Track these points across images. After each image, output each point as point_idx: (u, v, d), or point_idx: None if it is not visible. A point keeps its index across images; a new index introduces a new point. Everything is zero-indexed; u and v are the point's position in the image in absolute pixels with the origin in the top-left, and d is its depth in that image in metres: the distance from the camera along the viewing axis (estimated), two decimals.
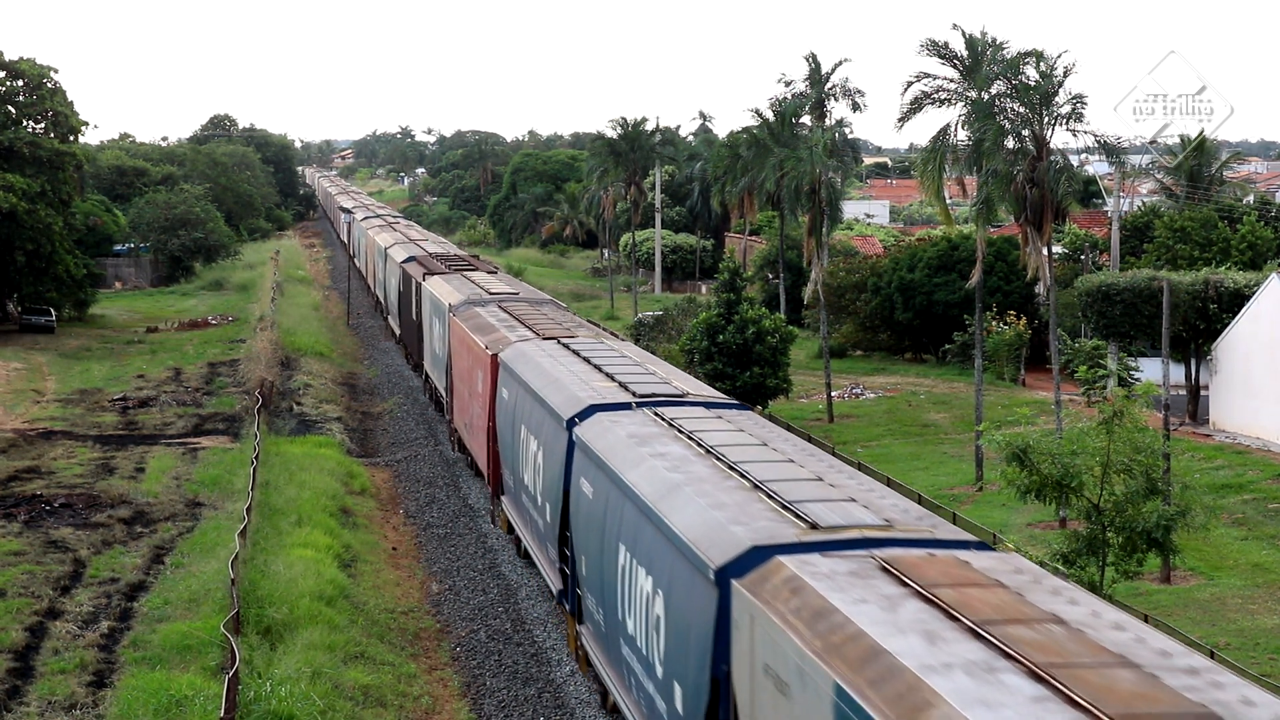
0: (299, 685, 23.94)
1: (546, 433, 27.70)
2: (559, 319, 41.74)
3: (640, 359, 32.21)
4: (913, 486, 40.97)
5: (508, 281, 56.35)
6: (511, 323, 40.01)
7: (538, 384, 29.53)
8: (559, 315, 43.51)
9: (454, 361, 43.96)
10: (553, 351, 32.75)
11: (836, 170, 63.30)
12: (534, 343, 34.86)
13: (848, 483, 19.25)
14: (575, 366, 30.38)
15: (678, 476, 20.08)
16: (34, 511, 37.05)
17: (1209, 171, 75.00)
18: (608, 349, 33.26)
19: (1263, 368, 49.76)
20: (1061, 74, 43.13)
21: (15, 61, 77.78)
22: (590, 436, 24.36)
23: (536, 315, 41.78)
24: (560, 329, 38.12)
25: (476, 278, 55.22)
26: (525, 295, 49.34)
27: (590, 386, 27.57)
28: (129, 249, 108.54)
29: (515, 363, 32.99)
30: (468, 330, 40.18)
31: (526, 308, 44.40)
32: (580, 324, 42.05)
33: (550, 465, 27.18)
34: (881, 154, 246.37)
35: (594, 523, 23.44)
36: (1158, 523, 26.53)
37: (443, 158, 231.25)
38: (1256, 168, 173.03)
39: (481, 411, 37.03)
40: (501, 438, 34.04)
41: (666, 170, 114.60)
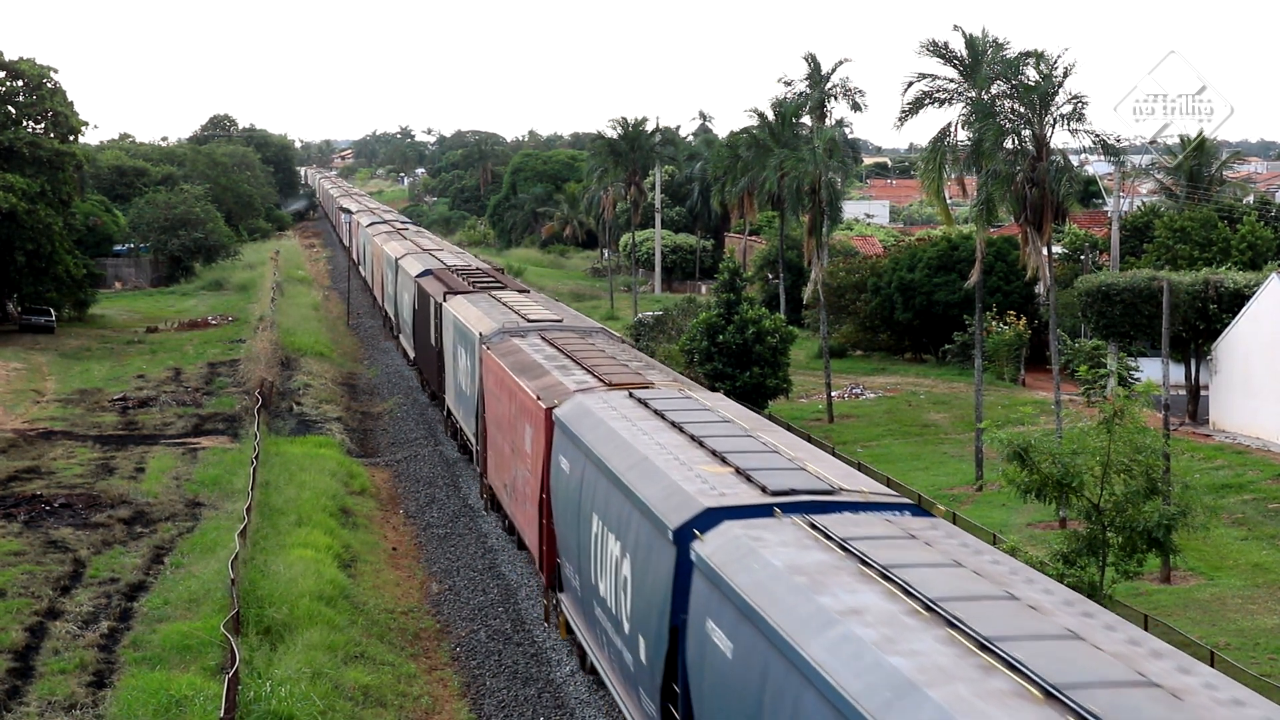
0: (299, 685, 23.95)
1: (637, 538, 20.78)
2: (620, 356, 34.63)
3: (746, 424, 24.55)
4: (913, 486, 40.98)
5: (544, 303, 48.13)
6: (562, 361, 33.02)
7: (618, 463, 22.51)
8: (617, 350, 36.32)
9: (488, 404, 36.87)
10: (628, 410, 25.84)
11: (837, 170, 63.25)
12: (598, 394, 27.82)
13: None
14: (665, 437, 23.25)
15: (907, 666, 12.86)
16: (34, 511, 37.06)
17: (1209, 171, 74.97)
18: (698, 407, 25.88)
19: (1263, 368, 49.76)
20: (1061, 74, 43.13)
21: (15, 61, 77.80)
22: (724, 564, 16.92)
23: (591, 351, 34.64)
24: (627, 373, 30.91)
25: (508, 299, 47.06)
26: (570, 322, 41.86)
27: (697, 474, 20.59)
28: (129, 249, 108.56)
29: (578, 423, 26.06)
30: (507, 370, 33.36)
31: (576, 340, 37.09)
32: (648, 363, 34.61)
33: (647, 588, 20.13)
34: (881, 154, 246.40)
35: None
36: (1158, 523, 26.51)
37: (443, 158, 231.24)
38: (1256, 168, 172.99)
39: (530, 477, 30.02)
40: (560, 518, 27.09)
41: (666, 170, 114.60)
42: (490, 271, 61.16)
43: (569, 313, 46.15)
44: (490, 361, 36.28)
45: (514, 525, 33.85)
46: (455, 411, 46.19)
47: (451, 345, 45.92)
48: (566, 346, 35.03)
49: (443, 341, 48.79)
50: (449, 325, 46.81)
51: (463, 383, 43.29)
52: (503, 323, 39.95)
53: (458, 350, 44.19)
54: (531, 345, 36.00)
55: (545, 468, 28.07)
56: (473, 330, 40.60)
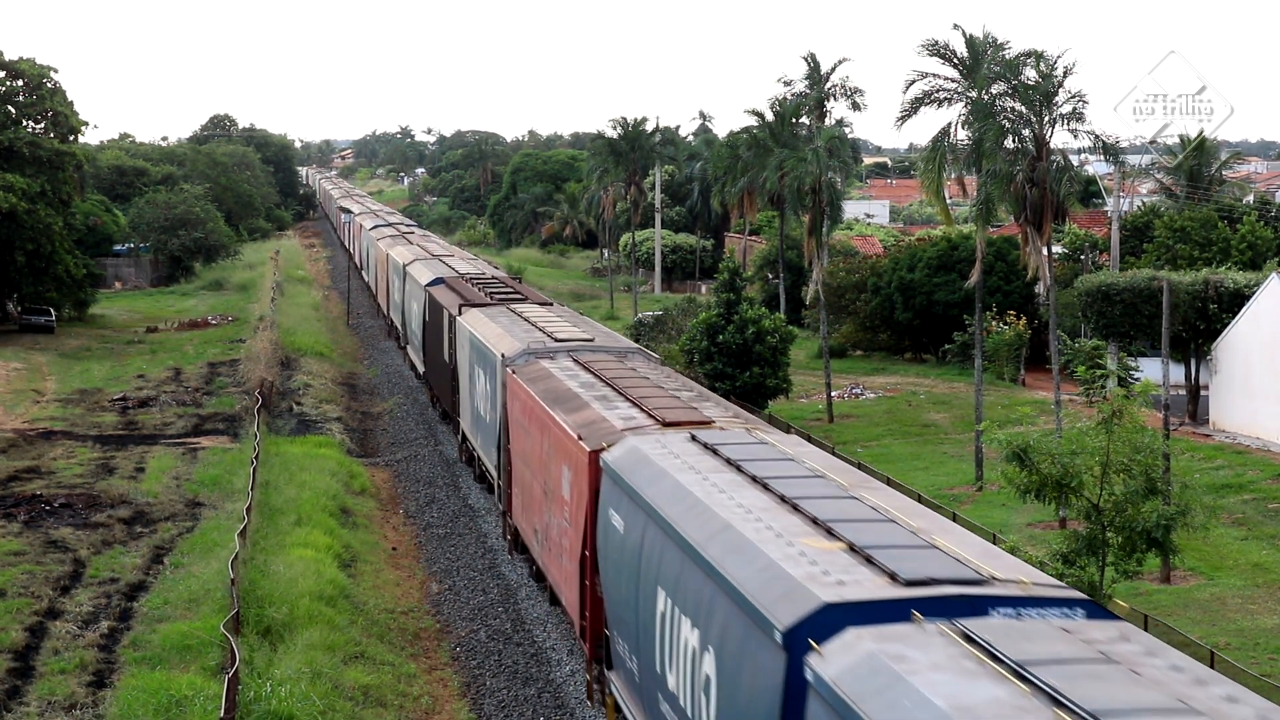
0: (299, 685, 23.96)
1: (725, 630, 16.41)
2: (667, 384, 30.00)
3: (842, 478, 20.16)
4: (913, 486, 40.97)
5: (569, 318, 43.28)
6: (601, 390, 28.83)
7: (694, 530, 18.23)
8: (661, 376, 31.80)
9: (513, 434, 32.80)
10: (693, 458, 21.40)
11: (838, 170, 63.25)
12: (653, 436, 23.50)
13: None
14: (746, 496, 19.00)
15: None
16: (34, 511, 37.07)
17: (1209, 171, 74.98)
18: (777, 455, 21.50)
19: (1263, 368, 49.76)
20: (1061, 74, 43.14)
21: (15, 61, 77.81)
22: (859, 696, 12.59)
23: (632, 377, 30.34)
24: (680, 407, 26.45)
25: (529, 313, 42.59)
26: (602, 341, 37.25)
27: (800, 550, 16.12)
28: (129, 249, 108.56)
29: (634, 474, 21.65)
30: (537, 399, 29.36)
31: (613, 363, 32.89)
32: (699, 393, 29.77)
33: (741, 701, 15.67)
34: (881, 154, 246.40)
35: None
36: (1157, 523, 26.50)
37: (443, 158, 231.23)
38: (1256, 168, 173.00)
39: (569, 529, 25.91)
40: (611, 583, 22.78)
41: (666, 170, 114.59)
42: (506, 281, 56.64)
43: (598, 329, 41.43)
44: (516, 387, 32.30)
45: (543, 573, 29.78)
46: (472, 438, 41.81)
47: (468, 364, 41.76)
48: (604, 372, 30.73)
49: (456, 358, 44.98)
50: (464, 342, 42.76)
51: (481, 407, 39.04)
52: (527, 342, 35.56)
53: (475, 371, 40.04)
54: (563, 370, 31.90)
55: (590, 521, 23.89)
56: (493, 350, 36.25)
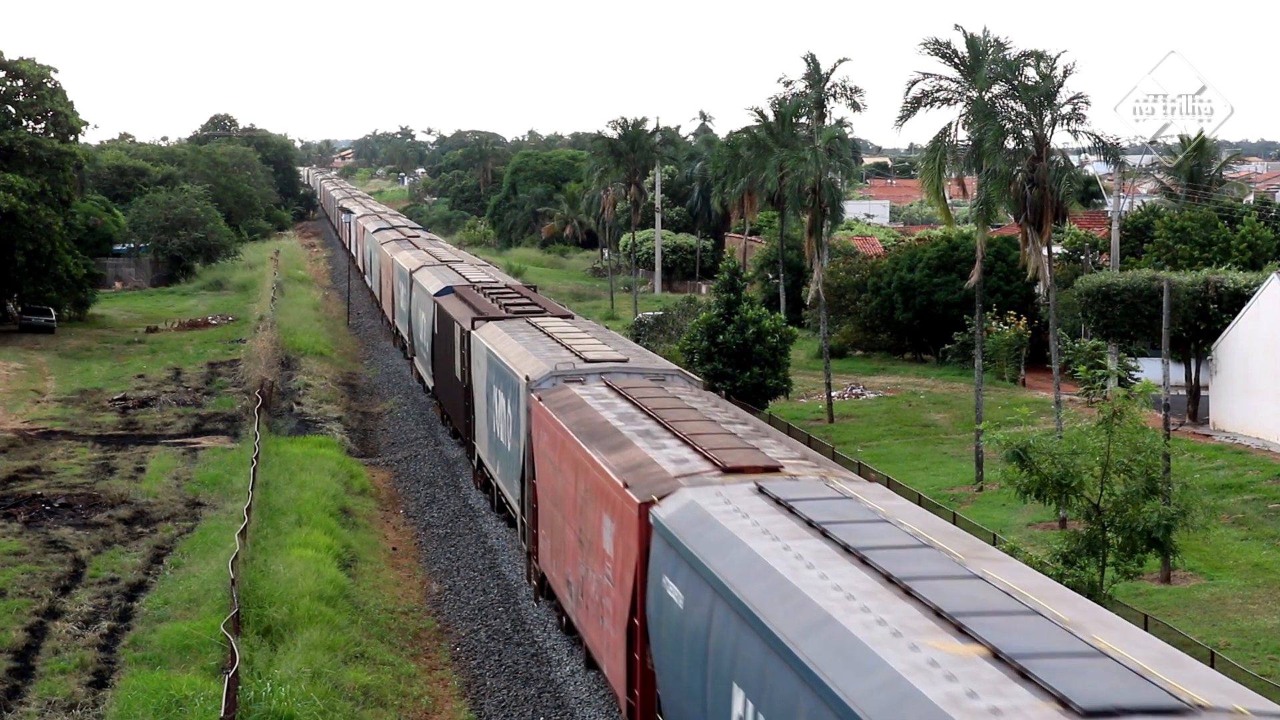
0: (299, 685, 23.95)
1: None
2: (717, 415, 26.09)
3: (954, 545, 16.68)
4: (913, 486, 40.98)
5: (596, 334, 39.51)
6: (643, 423, 25.25)
7: (782, 621, 15.09)
8: (708, 405, 27.60)
9: (540, 468, 29.58)
10: (765, 517, 17.94)
11: (838, 170, 63.26)
12: (713, 487, 19.92)
13: None
14: (841, 572, 15.57)
15: None
16: (34, 511, 37.06)
17: (1209, 171, 74.99)
18: (869, 516, 17.83)
19: (1263, 368, 49.75)
20: (1062, 74, 43.15)
21: (15, 61, 77.80)
22: None
23: (677, 407, 26.49)
24: (738, 445, 22.44)
25: (552, 328, 38.80)
26: (636, 362, 32.93)
27: (929, 658, 12.94)
28: (129, 249, 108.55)
29: (695, 537, 18.22)
30: (569, 432, 25.93)
31: (652, 390, 28.98)
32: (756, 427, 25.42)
33: None
34: (881, 154, 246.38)
35: None
36: (1158, 523, 26.53)
37: (443, 158, 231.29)
38: (1256, 168, 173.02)
39: (612, 589, 22.30)
40: (666, 663, 19.66)
41: (666, 170, 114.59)
42: (521, 290, 52.28)
43: (630, 347, 37.32)
44: (543, 416, 28.85)
45: (576, 628, 26.35)
46: (489, 465, 38.19)
47: (485, 385, 38.30)
48: (644, 400, 27.14)
49: (471, 376, 41.52)
50: (480, 359, 39.31)
51: (501, 432, 35.33)
52: (554, 363, 32.07)
53: (494, 393, 36.36)
54: (596, 397, 28.42)
55: (639, 584, 20.51)
56: (516, 372, 32.72)
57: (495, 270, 65.34)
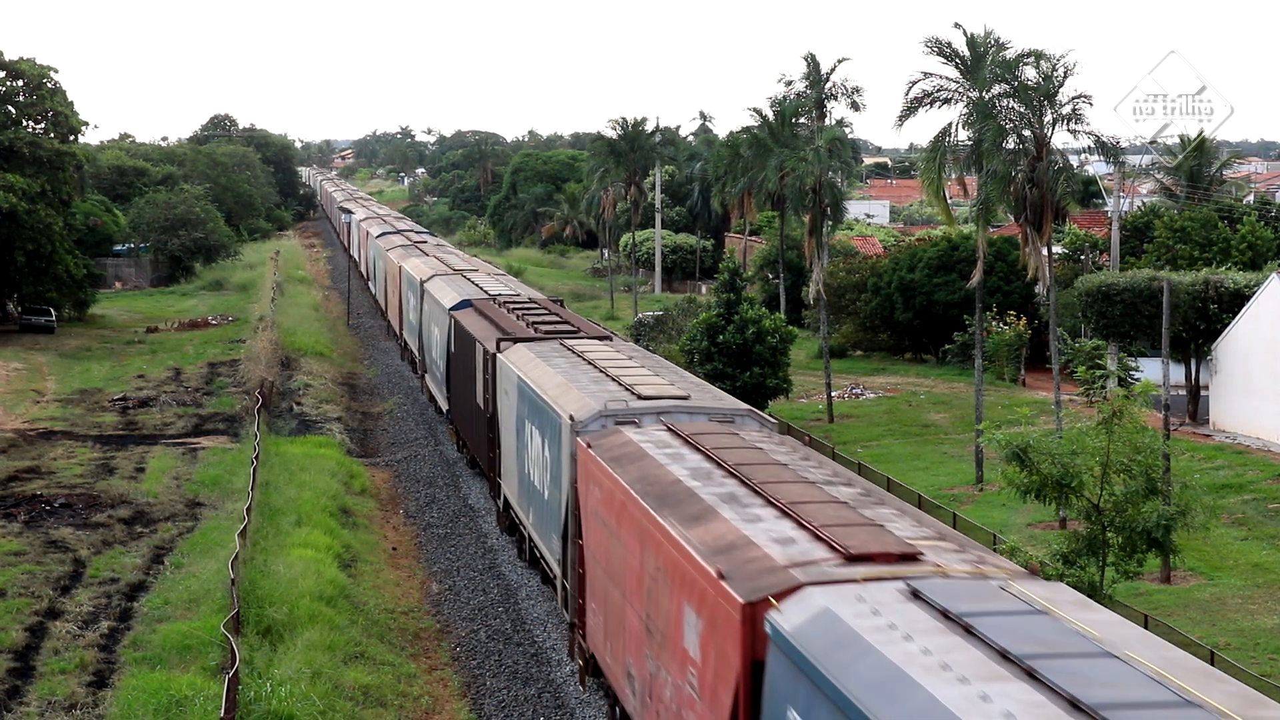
0: (299, 685, 23.96)
1: None
2: (813, 472, 21.16)
3: (1217, 697, 12.70)
4: (913, 486, 40.99)
5: (645, 360, 33.45)
6: (726, 485, 20.41)
7: None
8: (797, 458, 22.44)
9: (589, 528, 24.61)
10: (939, 642, 13.58)
11: (839, 170, 63.26)
12: (850, 588, 15.32)
13: None
14: None
15: None
16: (34, 511, 37.07)
17: (1209, 171, 74.99)
18: (1087, 647, 13.34)
19: (1263, 368, 49.76)
20: (1062, 74, 43.14)
21: (15, 61, 77.80)
22: None
23: (764, 461, 21.55)
24: (860, 522, 17.59)
25: (592, 353, 33.38)
26: (698, 398, 27.93)
27: None
28: (129, 249, 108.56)
29: (844, 670, 13.73)
30: (631, 492, 21.31)
31: (724, 434, 23.93)
32: (865, 489, 20.60)
33: None
34: (881, 154, 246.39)
35: None
36: (1158, 523, 26.52)
37: (443, 158, 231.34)
38: (1256, 168, 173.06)
39: (700, 705, 17.67)
40: None
41: (666, 170, 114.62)
42: (547, 305, 46.54)
43: (687, 379, 31.28)
44: (593, 466, 24.21)
45: None
46: (520, 511, 33.57)
47: (515, 417, 33.43)
48: (719, 452, 22.07)
49: (497, 406, 36.37)
50: (508, 387, 34.35)
51: (535, 475, 30.74)
52: (602, 400, 27.35)
53: (527, 429, 31.67)
54: (658, 445, 23.38)
55: (742, 707, 16.09)
56: (557, 410, 28.17)
57: (514, 281, 59.88)
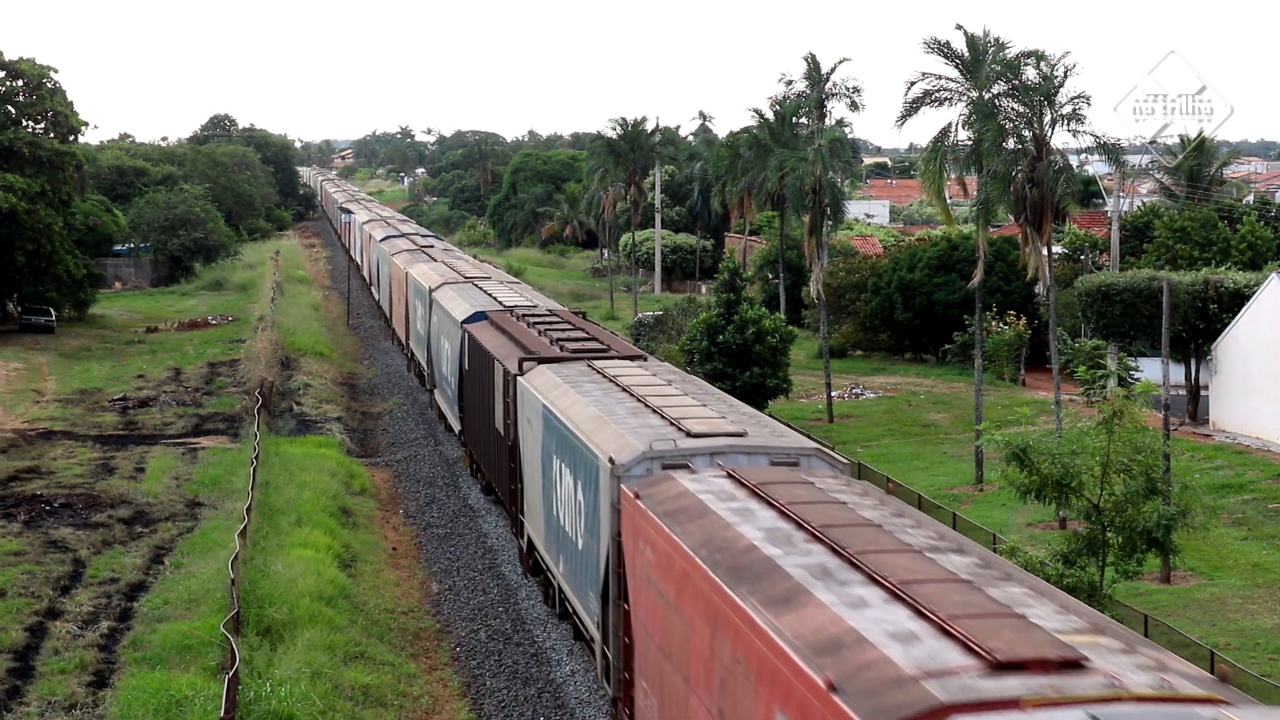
0: (299, 685, 23.96)
1: None
2: (912, 533, 17.49)
3: None
4: (913, 486, 40.97)
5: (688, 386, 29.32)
6: (810, 549, 16.79)
7: None
8: (889, 514, 18.61)
9: (637, 593, 20.90)
10: None
11: (839, 170, 63.26)
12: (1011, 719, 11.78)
13: None
14: None
15: None
16: (34, 511, 37.06)
17: (1209, 171, 74.99)
18: None
19: (1263, 368, 49.75)
20: (1062, 74, 43.14)
21: (15, 61, 77.79)
22: None
23: (853, 522, 17.69)
24: (994, 610, 14.09)
25: (627, 378, 29.31)
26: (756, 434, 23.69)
27: None
28: (129, 249, 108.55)
29: None
30: (696, 558, 17.55)
31: (795, 483, 20.14)
32: (986, 559, 16.84)
33: None
34: (881, 154, 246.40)
35: None
36: (1158, 523, 26.52)
37: (443, 158, 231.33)
38: (1256, 168, 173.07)
39: None
40: None
41: (666, 170, 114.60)
42: (570, 318, 42.05)
43: (738, 409, 26.92)
44: (641, 520, 20.52)
45: None
46: (548, 557, 29.52)
47: (541, 450, 29.65)
48: (796, 507, 18.28)
49: (520, 434, 32.55)
50: (532, 414, 30.55)
51: (566, 519, 27.01)
52: (646, 438, 23.39)
53: (555, 465, 27.90)
54: (720, 495, 19.79)
55: None
56: (593, 448, 24.34)
57: (529, 289, 56.07)
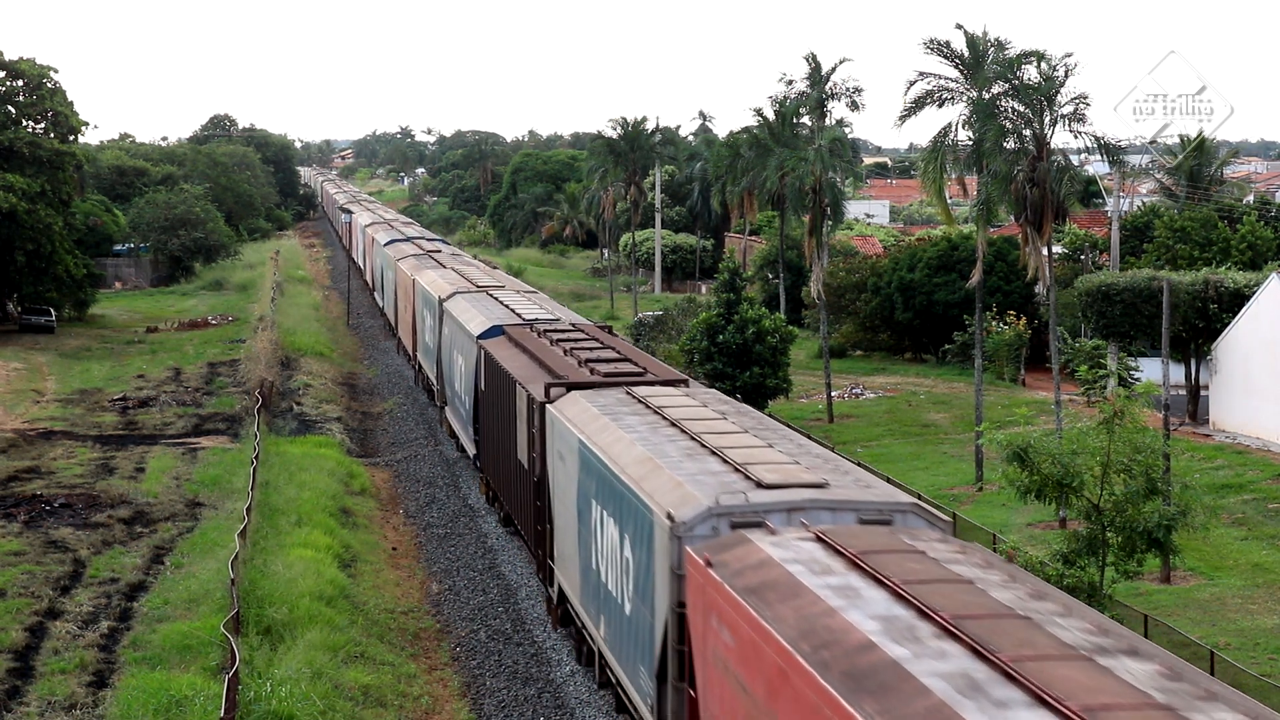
0: (299, 685, 23.95)
1: None
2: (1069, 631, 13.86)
3: None
4: (913, 486, 40.97)
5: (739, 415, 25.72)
6: (939, 645, 13.52)
7: None
8: (1025, 595, 15.23)
9: (711, 681, 17.71)
10: None
11: (839, 170, 63.26)
12: None
13: None
14: None
15: None
16: (34, 511, 37.06)
17: (1209, 171, 75.01)
18: None
19: (1263, 368, 49.75)
20: (1063, 74, 43.14)
21: (15, 61, 77.80)
22: None
23: (975, 602, 14.66)
24: None
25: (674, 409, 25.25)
26: (839, 485, 19.80)
27: None
28: (129, 249, 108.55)
29: None
30: (797, 656, 14.25)
31: (896, 547, 16.92)
32: (1174, 671, 12.95)
33: None
34: (881, 154, 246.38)
35: None
36: (1158, 523, 26.51)
37: (443, 158, 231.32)
38: (1256, 168, 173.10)
39: None
40: None
41: (666, 170, 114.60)
42: (594, 333, 38.45)
43: (808, 449, 22.56)
44: (715, 595, 17.06)
45: None
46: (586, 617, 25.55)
47: (577, 492, 25.59)
48: (918, 590, 14.86)
49: (549, 471, 28.49)
50: (566, 451, 26.44)
51: (609, 576, 23.28)
52: (711, 489, 19.52)
53: (596, 510, 23.80)
54: (814, 568, 16.25)
55: None
56: (648, 502, 20.40)
57: (547, 300, 51.91)
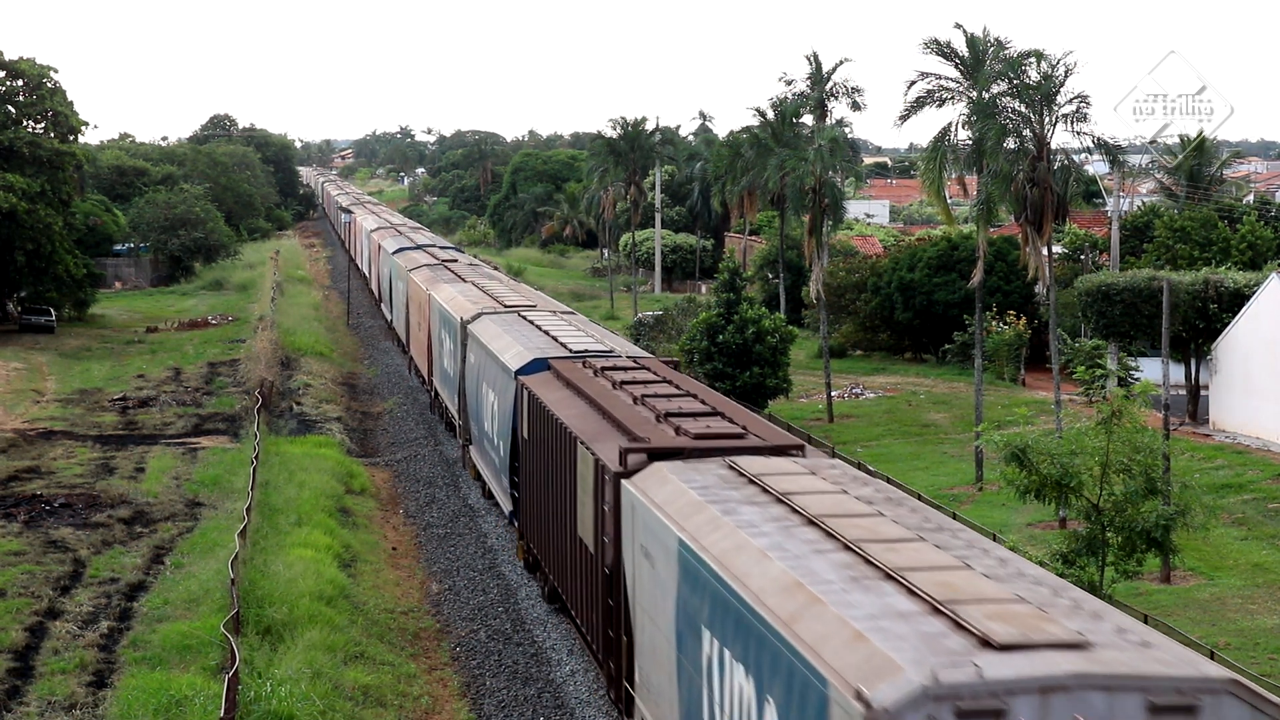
0: (299, 685, 23.94)
1: None
2: None
3: None
4: (913, 486, 40.97)
5: (888, 503, 18.95)
6: None
7: None
8: None
9: None
10: None
11: (839, 170, 63.27)
12: None
13: None
14: None
15: None
16: (34, 511, 37.06)
17: (1209, 171, 75.03)
18: None
19: (1263, 368, 49.77)
20: (1063, 74, 43.16)
21: (15, 61, 77.79)
22: None
23: None
24: None
25: (800, 492, 18.99)
26: (1110, 646, 12.91)
27: None
28: (129, 249, 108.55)
29: None
30: None
31: None
32: None
33: None
34: (881, 154, 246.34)
35: None
36: (1157, 523, 26.53)
37: (443, 158, 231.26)
38: (1256, 168, 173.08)
39: None
40: None
41: (666, 170, 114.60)
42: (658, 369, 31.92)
43: (1026, 570, 16.03)
44: None
45: None
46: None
47: (675, 609, 19.35)
48: None
49: (624, 562, 22.60)
50: (660, 551, 20.13)
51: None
52: (918, 652, 13.00)
53: (709, 646, 17.69)
54: None
55: None
56: (821, 671, 13.74)
57: (584, 321, 44.12)
